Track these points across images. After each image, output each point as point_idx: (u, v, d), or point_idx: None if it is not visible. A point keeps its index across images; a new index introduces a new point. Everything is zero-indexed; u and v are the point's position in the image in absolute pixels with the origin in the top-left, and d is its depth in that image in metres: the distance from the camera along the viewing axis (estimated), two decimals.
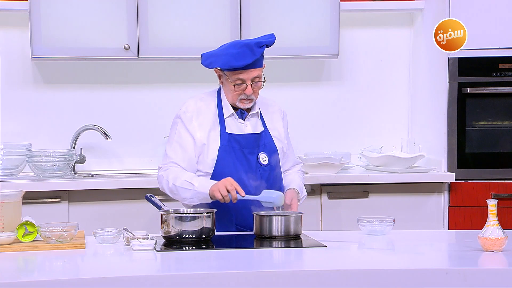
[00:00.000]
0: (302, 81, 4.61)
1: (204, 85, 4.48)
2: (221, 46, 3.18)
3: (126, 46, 4.13)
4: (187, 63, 4.46)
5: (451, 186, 4.15)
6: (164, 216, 2.77)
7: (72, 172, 4.25)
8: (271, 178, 3.12)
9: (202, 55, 3.20)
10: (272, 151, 3.16)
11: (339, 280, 2.34)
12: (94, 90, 4.45)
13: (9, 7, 4.15)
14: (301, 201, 3.21)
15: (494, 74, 4.18)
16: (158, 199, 3.02)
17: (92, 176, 4.24)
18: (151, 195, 3.00)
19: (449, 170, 4.17)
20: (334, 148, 4.56)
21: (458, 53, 4.12)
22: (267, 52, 4.22)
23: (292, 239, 2.84)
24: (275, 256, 2.69)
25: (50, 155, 4.07)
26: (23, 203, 2.84)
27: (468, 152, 4.20)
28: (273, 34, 3.16)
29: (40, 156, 4.06)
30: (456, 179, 4.13)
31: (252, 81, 3.08)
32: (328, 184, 4.09)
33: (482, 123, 4.22)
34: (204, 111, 3.13)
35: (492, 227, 2.60)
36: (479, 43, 4.11)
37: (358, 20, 4.59)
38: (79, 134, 4.33)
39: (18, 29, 4.30)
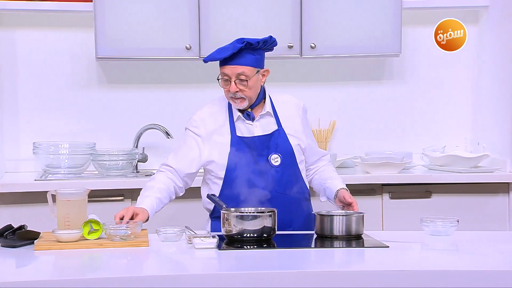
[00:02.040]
0: (364, 80, 4.58)
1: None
2: None
3: (188, 46, 4.16)
4: None
5: None
6: (225, 215, 2.78)
7: (135, 171, 4.30)
8: (284, 178, 3.10)
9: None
10: (285, 150, 3.12)
11: (402, 280, 2.32)
12: (156, 90, 4.50)
13: (74, 8, 4.23)
14: None
15: None
16: (220, 199, 3.03)
17: (154, 174, 4.28)
18: (213, 194, 3.02)
19: None
20: (395, 147, 4.52)
21: None
22: (330, 50, 4.23)
23: (354, 239, 2.82)
24: (336, 256, 2.68)
25: (114, 154, 4.14)
26: (88, 201, 2.89)
27: None
28: (270, 36, 3.16)
29: (104, 155, 4.13)
30: None
31: (236, 77, 3.06)
32: (390, 184, 4.05)
33: None
34: (214, 116, 3.16)
35: None
36: None
37: (421, 17, 4.53)
38: (141, 134, 4.39)
39: (83, 30, 4.38)
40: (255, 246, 2.71)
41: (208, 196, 3.01)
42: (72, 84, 4.45)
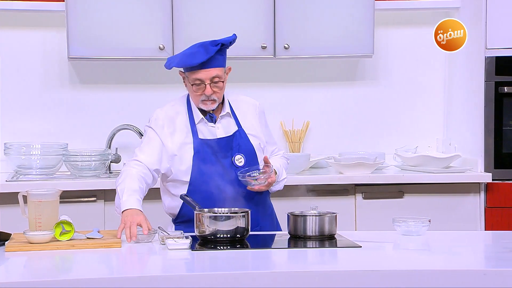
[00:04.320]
0: (337, 80, 4.60)
1: (238, 85, 4.52)
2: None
3: (161, 46, 4.15)
4: None
5: (487, 186, 4.10)
6: (199, 216, 2.77)
7: (108, 172, 4.28)
8: None
9: (167, 59, 3.15)
10: (247, 150, 3.10)
11: (374, 280, 2.33)
12: (130, 90, 4.48)
13: (46, 8, 4.20)
14: (281, 183, 3.17)
15: None
16: (193, 199, 3.02)
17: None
18: (186, 195, 3.01)
19: (486, 170, 4.13)
20: (368, 148, 4.54)
21: (495, 52, 4.08)
22: (303, 51, 4.25)
23: (327, 239, 2.83)
24: (309, 256, 2.68)
25: (86, 155, 4.11)
26: (60, 202, 2.87)
27: (505, 152, 4.15)
28: (234, 34, 3.13)
29: (76, 155, 4.10)
30: (493, 180, 4.08)
31: (211, 80, 3.03)
32: (363, 184, 4.07)
33: None
34: (175, 118, 3.10)
35: None
36: None
37: (393, 19, 4.56)
38: (114, 134, 4.37)
39: (55, 29, 4.35)
40: (229, 247, 2.70)
41: (181, 197, 3.00)
42: (44, 84, 4.42)
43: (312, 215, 2.86)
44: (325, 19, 4.23)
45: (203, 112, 3.11)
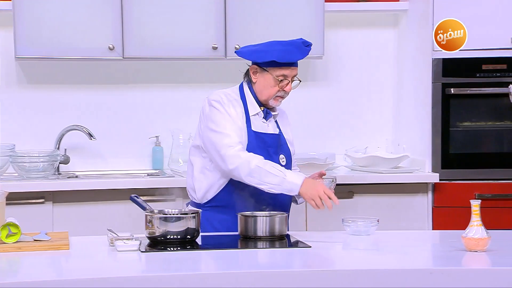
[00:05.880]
0: None
1: (189, 85, 4.51)
2: (258, 44, 3.20)
3: (111, 46, 4.11)
4: (172, 63, 4.45)
5: (435, 186, 4.17)
6: (148, 217, 2.76)
7: (56, 173, 4.23)
8: None
9: (240, 51, 3.19)
10: (288, 154, 3.22)
11: (324, 280, 2.35)
12: (79, 91, 4.43)
13: None
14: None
15: (477, 75, 4.20)
16: (143, 200, 3.01)
17: (76, 176, 4.23)
18: (135, 196, 2.99)
19: (433, 170, 4.19)
20: (319, 148, 4.57)
21: (442, 54, 4.15)
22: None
23: (277, 239, 2.84)
24: (260, 257, 2.69)
25: (34, 156, 4.06)
26: (7, 204, 2.82)
27: (452, 152, 4.22)
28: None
29: (24, 156, 4.04)
30: (440, 180, 4.15)
31: (292, 79, 3.15)
32: None
33: (466, 123, 4.25)
34: (235, 104, 3.14)
35: (476, 227, 2.62)
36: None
37: (343, 21, 4.61)
38: (63, 135, 4.32)
39: (1, 29, 4.28)
40: (179, 248, 2.69)
41: (131, 198, 2.98)
42: None
43: (263, 216, 2.87)
44: (276, 20, 4.25)
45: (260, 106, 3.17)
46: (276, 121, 3.25)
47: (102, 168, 4.40)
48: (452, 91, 4.18)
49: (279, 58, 3.09)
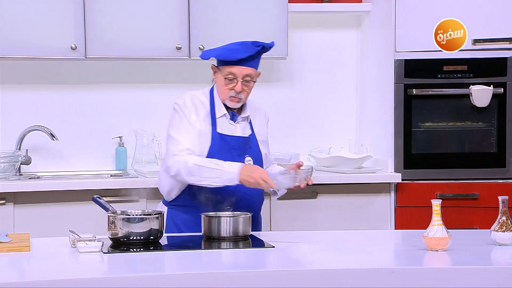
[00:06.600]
0: None
1: (152, 86, 4.49)
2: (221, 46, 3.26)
3: (73, 46, 4.08)
4: (135, 63, 4.43)
5: (397, 186, 4.20)
6: (111, 218, 2.74)
7: (18, 174, 4.18)
8: None
9: (202, 53, 3.25)
10: (257, 156, 3.21)
11: (286, 280, 2.35)
12: (41, 91, 4.39)
13: None
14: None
15: (439, 76, 4.25)
16: (106, 201, 2.99)
17: (38, 177, 4.18)
18: (98, 197, 2.97)
19: (396, 170, 4.23)
20: (283, 148, 4.58)
21: (404, 55, 4.19)
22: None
23: (241, 240, 2.84)
24: (224, 257, 2.69)
25: None
26: None
27: (414, 152, 4.26)
28: (273, 42, 3.27)
29: None
30: (402, 180, 4.19)
31: (243, 78, 3.12)
32: None
33: (427, 124, 4.30)
34: (199, 107, 3.16)
35: (436, 227, 2.64)
36: (424, 45, 4.17)
37: (307, 21, 4.63)
38: (24, 135, 4.27)
39: None
40: (142, 249, 2.68)
41: (93, 199, 2.96)
42: None
43: (226, 216, 2.87)
44: (240, 20, 4.25)
45: (227, 108, 3.17)
46: (250, 123, 3.25)
47: (64, 169, 4.36)
48: (414, 92, 4.23)
49: (222, 56, 3.12)
